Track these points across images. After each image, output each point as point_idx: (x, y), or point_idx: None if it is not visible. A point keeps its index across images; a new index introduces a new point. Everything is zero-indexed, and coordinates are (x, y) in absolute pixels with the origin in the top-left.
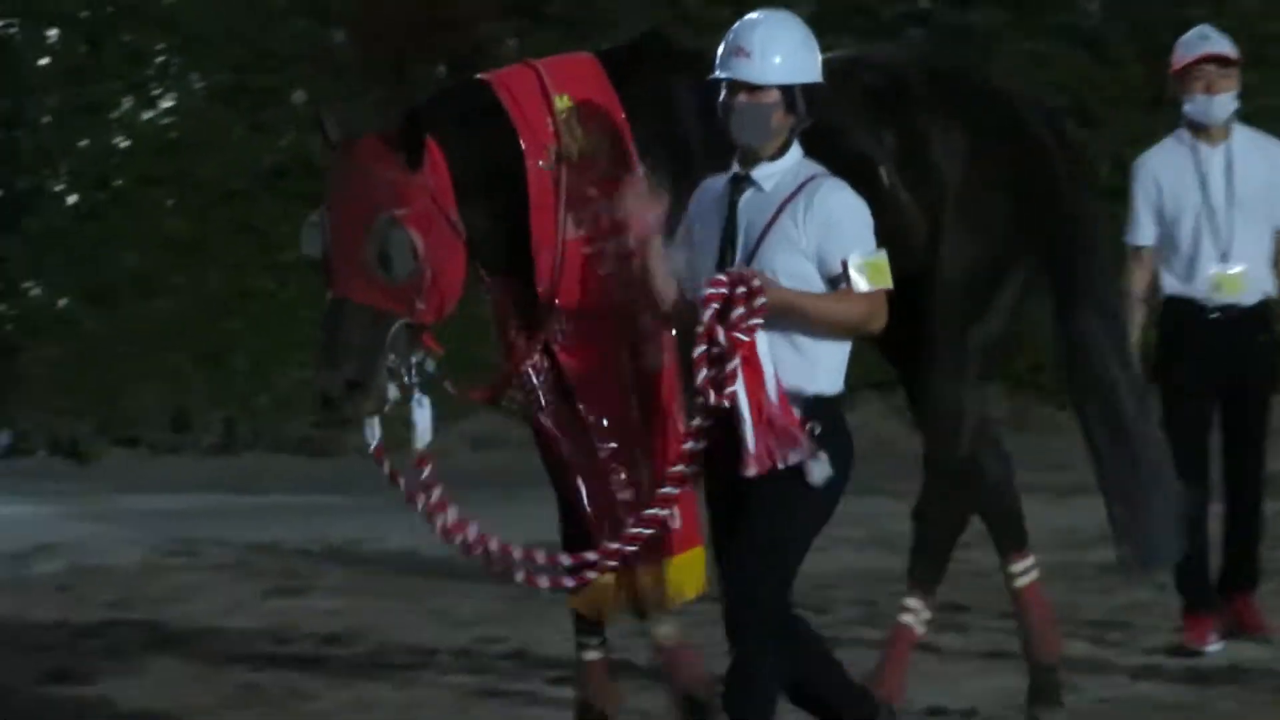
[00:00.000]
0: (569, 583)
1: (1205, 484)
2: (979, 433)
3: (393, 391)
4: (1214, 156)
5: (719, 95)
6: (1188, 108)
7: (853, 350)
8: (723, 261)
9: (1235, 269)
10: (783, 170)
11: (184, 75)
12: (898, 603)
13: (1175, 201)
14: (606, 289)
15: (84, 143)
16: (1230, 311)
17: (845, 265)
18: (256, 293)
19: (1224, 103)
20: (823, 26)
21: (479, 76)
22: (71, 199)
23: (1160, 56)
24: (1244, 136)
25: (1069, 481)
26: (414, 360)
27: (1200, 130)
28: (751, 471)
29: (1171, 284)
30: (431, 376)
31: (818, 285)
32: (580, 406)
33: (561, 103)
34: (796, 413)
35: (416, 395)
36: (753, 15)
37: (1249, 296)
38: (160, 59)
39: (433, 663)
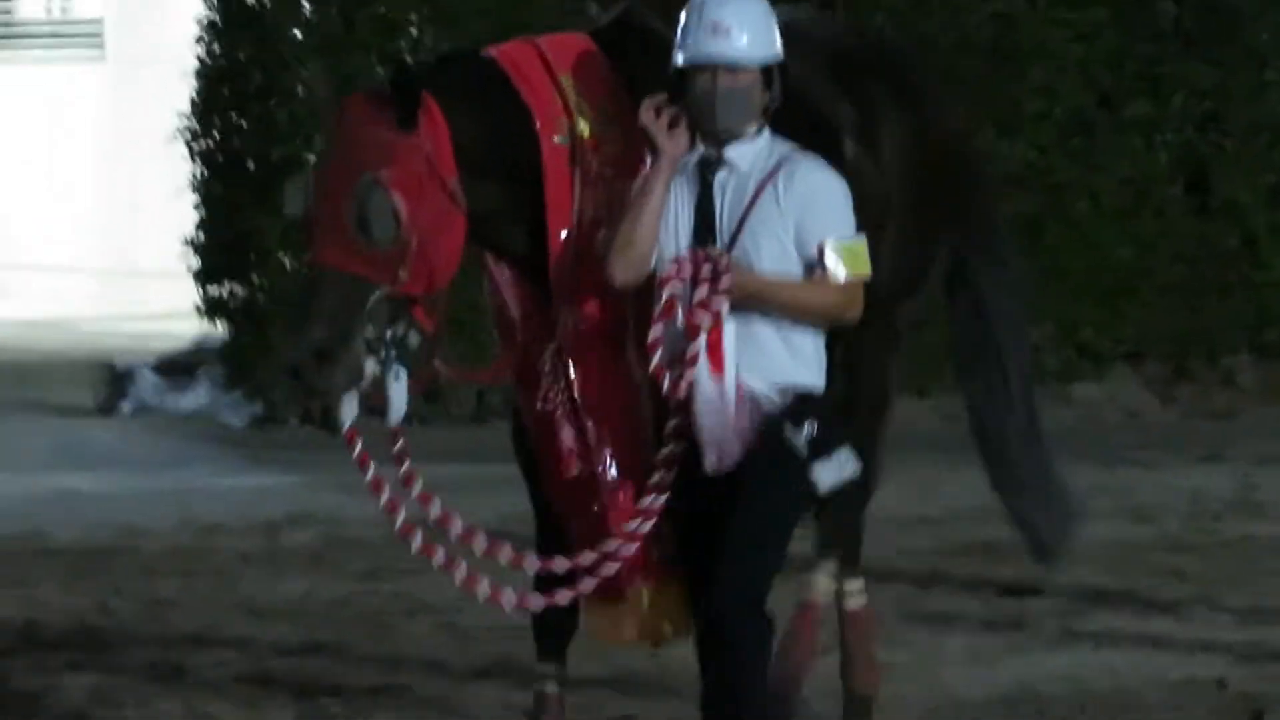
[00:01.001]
0: (537, 601)
1: None
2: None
3: (371, 366)
4: None
5: (685, 77)
6: None
7: (1100, 321)
8: (702, 245)
9: None
10: (756, 149)
11: (436, 47)
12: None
13: None
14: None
15: None
16: None
17: (821, 250)
18: None
19: None
20: (1071, 1)
21: (477, 49)
22: None
23: None
24: None
25: None
26: (394, 333)
27: None
28: (711, 465)
29: None
30: (414, 351)
31: (799, 266)
32: (585, 410)
33: (566, 80)
34: (777, 410)
35: (394, 369)
36: None
37: None
38: (413, 30)
39: None
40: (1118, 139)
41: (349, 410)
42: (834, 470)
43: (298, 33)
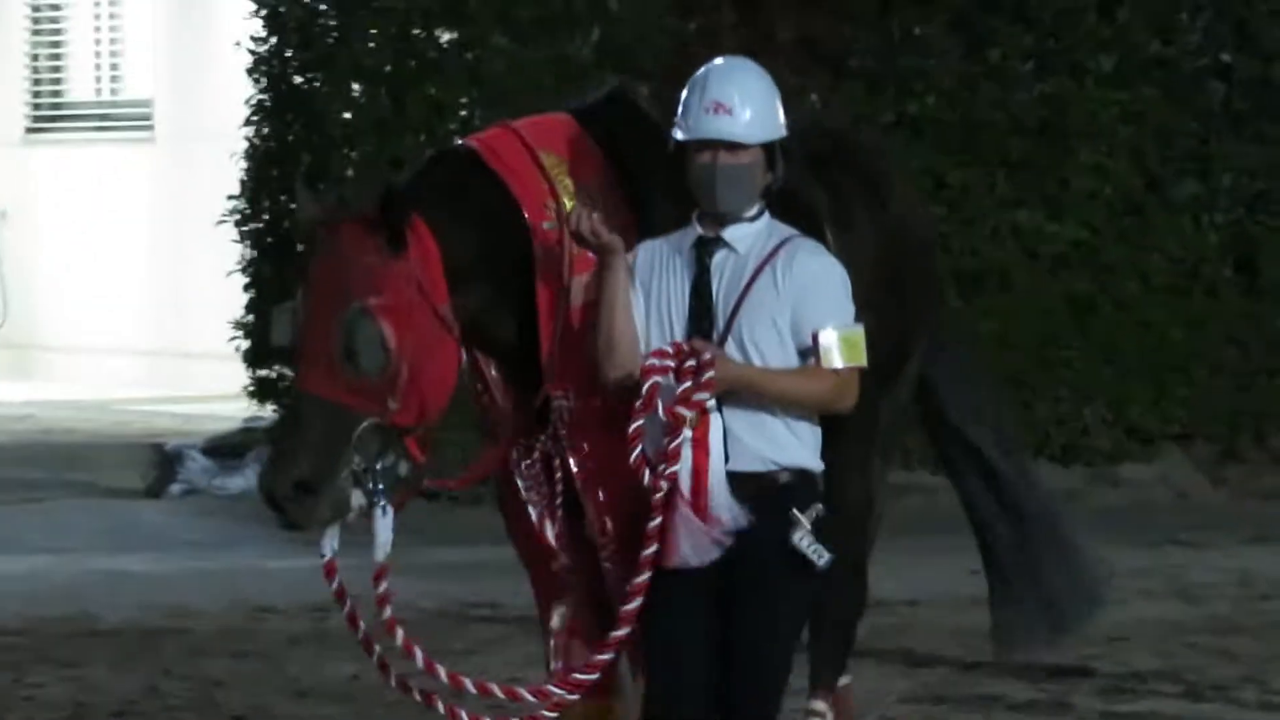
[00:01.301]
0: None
1: None
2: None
3: (357, 499)
4: None
5: (684, 154)
6: None
7: (1150, 400)
8: (698, 329)
9: None
10: (755, 231)
11: (485, 128)
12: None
13: None
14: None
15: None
16: None
17: (816, 337)
18: None
19: None
20: (1120, 81)
21: (457, 143)
22: None
23: None
24: None
25: None
26: (384, 464)
27: None
28: (680, 561)
29: None
30: (401, 482)
31: (794, 351)
32: (586, 501)
33: (549, 159)
34: (778, 492)
35: (381, 503)
36: (720, 64)
37: None
38: (463, 113)
39: None
40: (1167, 219)
41: (330, 543)
42: (820, 552)
43: (347, 115)
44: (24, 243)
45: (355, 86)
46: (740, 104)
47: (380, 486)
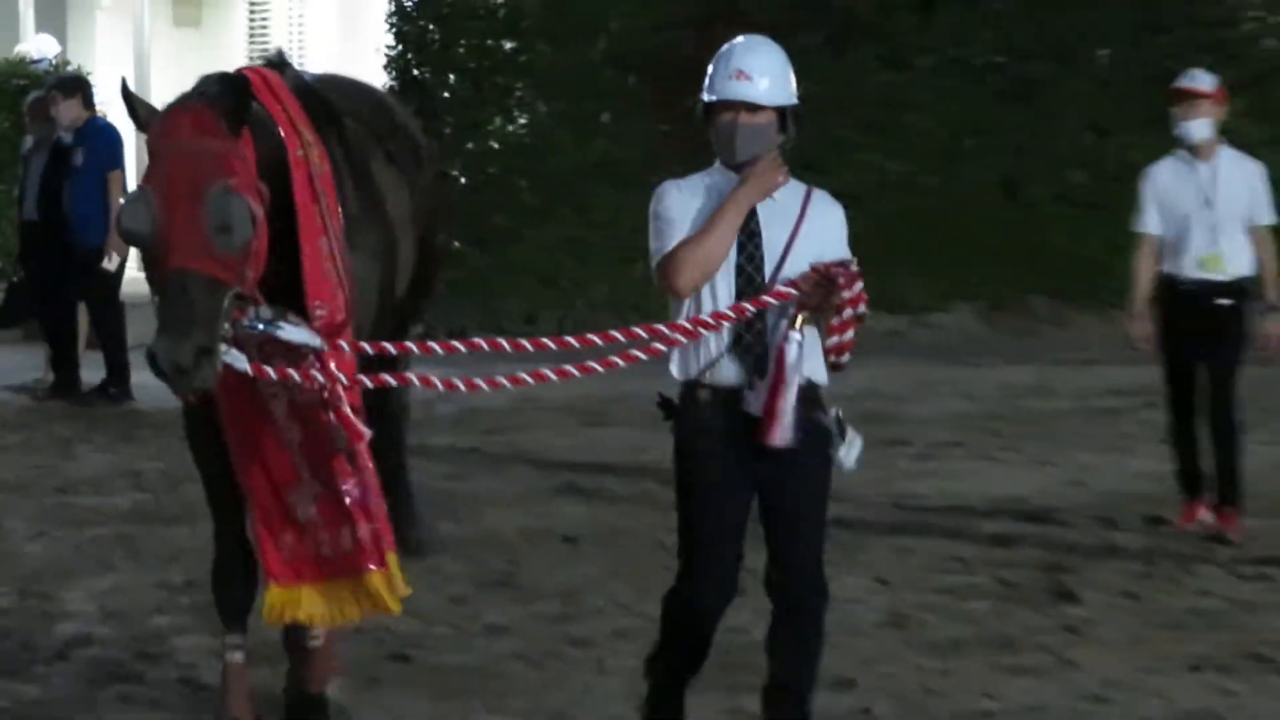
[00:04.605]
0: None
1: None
2: None
3: (222, 360)
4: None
5: (709, 115)
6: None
7: None
8: (749, 264)
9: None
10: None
11: (534, 104)
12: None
13: None
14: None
15: (470, 145)
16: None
17: None
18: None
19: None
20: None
21: (231, 71)
22: (463, 180)
23: None
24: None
25: None
26: (254, 313)
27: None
28: (787, 440)
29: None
30: (270, 319)
31: None
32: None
33: (286, 104)
34: (810, 398)
35: (280, 327)
36: (742, 40)
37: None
38: (519, 93)
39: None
40: None
41: (242, 359)
42: (857, 449)
43: (446, 95)
44: None
45: (451, 77)
46: (759, 72)
47: (262, 326)
